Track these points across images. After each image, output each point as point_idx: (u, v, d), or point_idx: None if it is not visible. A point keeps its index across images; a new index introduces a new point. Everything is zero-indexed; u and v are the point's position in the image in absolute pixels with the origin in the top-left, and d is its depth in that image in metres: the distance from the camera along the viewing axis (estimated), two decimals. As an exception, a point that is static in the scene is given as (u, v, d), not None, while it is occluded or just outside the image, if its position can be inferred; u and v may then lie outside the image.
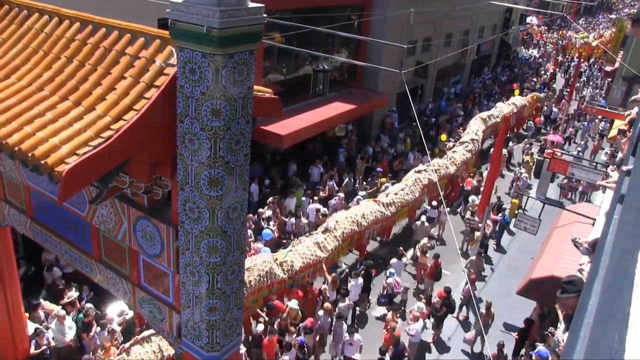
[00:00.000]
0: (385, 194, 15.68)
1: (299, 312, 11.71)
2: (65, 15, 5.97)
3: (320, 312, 12.01)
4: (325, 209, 16.07)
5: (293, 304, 11.56)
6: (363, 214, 14.13)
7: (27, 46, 5.98)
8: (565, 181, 21.41)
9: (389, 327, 11.85)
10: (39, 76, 5.54)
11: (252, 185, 16.10)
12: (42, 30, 6.02)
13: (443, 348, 13.08)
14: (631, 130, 8.45)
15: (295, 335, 11.09)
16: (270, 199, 15.81)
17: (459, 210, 19.81)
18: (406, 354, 11.93)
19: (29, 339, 9.72)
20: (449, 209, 14.98)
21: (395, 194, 15.56)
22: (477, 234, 16.02)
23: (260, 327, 11.13)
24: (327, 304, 12.07)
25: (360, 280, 13.21)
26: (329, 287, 12.58)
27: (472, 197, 18.57)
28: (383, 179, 18.83)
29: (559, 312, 10.00)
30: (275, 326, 11.16)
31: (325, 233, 12.96)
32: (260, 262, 11.16)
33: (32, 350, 9.74)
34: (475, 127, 21.76)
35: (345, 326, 11.68)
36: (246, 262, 9.40)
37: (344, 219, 13.61)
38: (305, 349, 10.98)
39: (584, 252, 7.13)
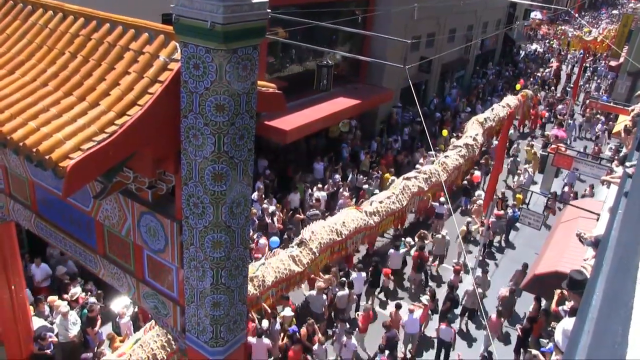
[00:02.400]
0: (370, 202, 14.83)
1: (294, 320, 11.72)
2: (69, 11, 5.96)
3: (313, 293, 11.96)
4: (319, 195, 16.16)
5: (287, 312, 11.56)
6: (343, 222, 13.22)
7: (31, 42, 5.97)
8: (550, 202, 20.68)
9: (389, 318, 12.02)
10: (43, 72, 5.54)
11: (257, 183, 16.07)
12: (46, 25, 6.02)
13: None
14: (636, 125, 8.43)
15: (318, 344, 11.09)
16: (255, 194, 15.62)
17: (461, 205, 19.76)
18: (402, 345, 12.04)
19: (34, 335, 9.74)
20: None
21: (380, 202, 14.62)
22: (462, 227, 16.02)
23: (265, 324, 11.16)
24: (319, 283, 11.91)
25: (363, 274, 13.21)
26: (327, 282, 12.50)
27: (478, 192, 18.52)
28: (387, 175, 18.74)
29: (553, 305, 10.00)
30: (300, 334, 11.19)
31: (301, 246, 12.13)
32: None
33: (36, 346, 9.78)
34: (472, 131, 20.62)
35: (347, 326, 11.70)
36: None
37: (321, 229, 12.65)
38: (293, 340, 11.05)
39: (589, 244, 7.13)
